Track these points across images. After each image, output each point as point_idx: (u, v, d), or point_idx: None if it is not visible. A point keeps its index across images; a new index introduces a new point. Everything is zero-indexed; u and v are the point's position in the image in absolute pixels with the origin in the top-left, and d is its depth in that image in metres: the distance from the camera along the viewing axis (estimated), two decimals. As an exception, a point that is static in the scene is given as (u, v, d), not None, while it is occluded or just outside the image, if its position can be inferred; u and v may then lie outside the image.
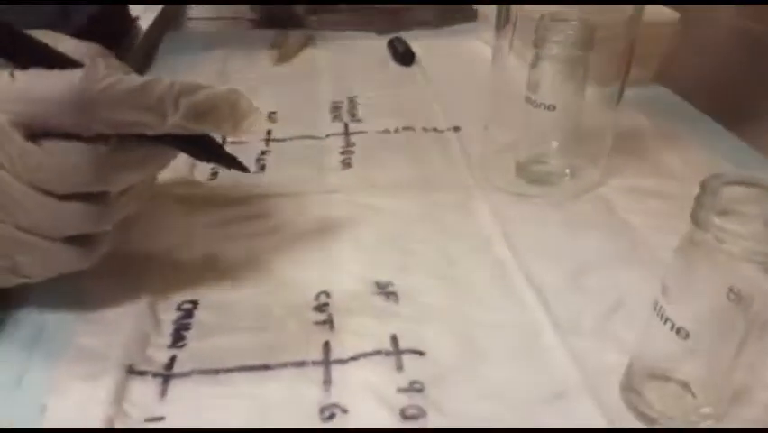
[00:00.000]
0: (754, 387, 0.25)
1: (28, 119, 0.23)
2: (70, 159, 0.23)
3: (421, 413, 0.24)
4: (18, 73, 0.23)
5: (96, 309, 0.30)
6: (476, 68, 0.57)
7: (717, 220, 0.20)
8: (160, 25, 0.67)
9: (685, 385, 0.24)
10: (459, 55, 0.61)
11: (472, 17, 0.69)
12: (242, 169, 0.29)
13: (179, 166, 0.39)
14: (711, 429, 0.24)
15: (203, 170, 0.40)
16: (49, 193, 0.24)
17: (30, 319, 0.30)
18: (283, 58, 0.60)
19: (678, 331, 0.22)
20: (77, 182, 0.24)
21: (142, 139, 0.25)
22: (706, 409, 0.24)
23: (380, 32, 0.64)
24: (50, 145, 0.23)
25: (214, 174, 0.41)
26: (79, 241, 0.26)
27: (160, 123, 0.24)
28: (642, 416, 0.24)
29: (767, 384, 0.25)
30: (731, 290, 0.21)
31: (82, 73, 0.23)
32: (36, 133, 0.23)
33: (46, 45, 0.24)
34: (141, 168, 0.26)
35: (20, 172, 0.23)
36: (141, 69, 0.57)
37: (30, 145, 0.23)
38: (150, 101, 0.24)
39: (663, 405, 0.24)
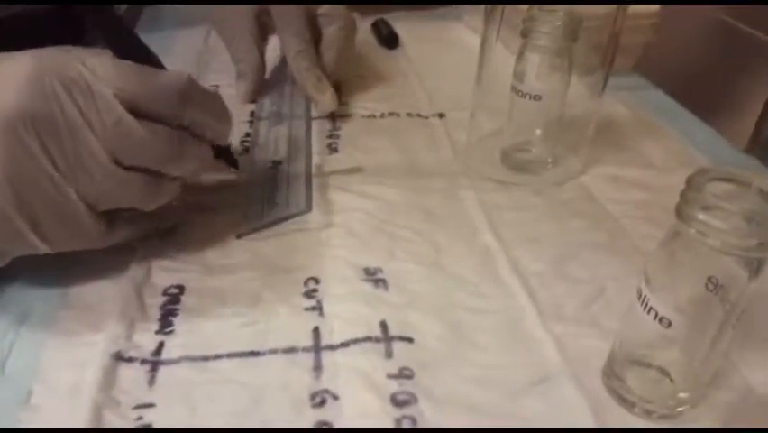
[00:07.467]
0: (728, 373, 0.26)
1: (131, 97, 0.26)
2: (157, 135, 0.27)
3: (412, 399, 0.25)
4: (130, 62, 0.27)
5: (80, 294, 0.30)
6: (459, 53, 0.57)
7: (701, 215, 0.21)
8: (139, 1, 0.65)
9: (664, 371, 0.25)
10: (442, 40, 0.61)
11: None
12: (234, 165, 0.35)
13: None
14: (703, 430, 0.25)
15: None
16: (119, 164, 0.27)
17: (14, 304, 0.29)
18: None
19: (661, 320, 0.22)
20: (152, 156, 0.27)
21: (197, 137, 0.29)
22: (683, 395, 0.25)
23: (364, 12, 0.64)
24: (143, 122, 0.26)
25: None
26: (107, 220, 0.28)
27: (224, 130, 0.31)
28: (622, 400, 0.25)
29: (740, 370, 0.27)
30: (710, 280, 0.22)
31: (187, 74, 0.28)
32: (132, 111, 0.26)
33: (146, 47, 0.30)
34: (196, 160, 0.30)
35: (109, 139, 0.26)
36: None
37: (127, 116, 0.26)
38: (223, 111, 0.30)
39: (643, 390, 0.25)
